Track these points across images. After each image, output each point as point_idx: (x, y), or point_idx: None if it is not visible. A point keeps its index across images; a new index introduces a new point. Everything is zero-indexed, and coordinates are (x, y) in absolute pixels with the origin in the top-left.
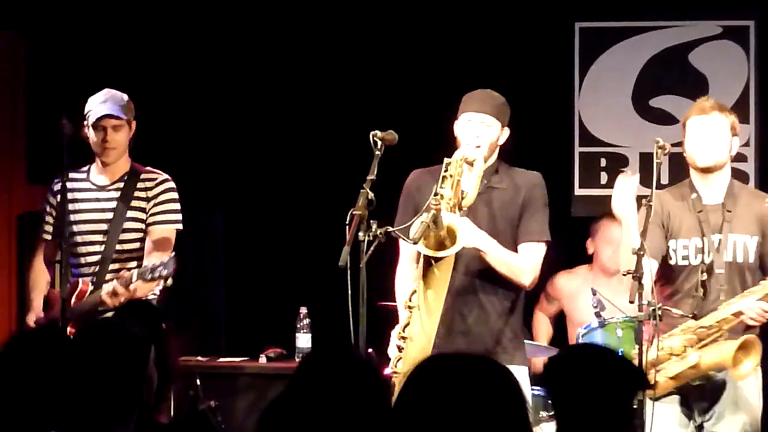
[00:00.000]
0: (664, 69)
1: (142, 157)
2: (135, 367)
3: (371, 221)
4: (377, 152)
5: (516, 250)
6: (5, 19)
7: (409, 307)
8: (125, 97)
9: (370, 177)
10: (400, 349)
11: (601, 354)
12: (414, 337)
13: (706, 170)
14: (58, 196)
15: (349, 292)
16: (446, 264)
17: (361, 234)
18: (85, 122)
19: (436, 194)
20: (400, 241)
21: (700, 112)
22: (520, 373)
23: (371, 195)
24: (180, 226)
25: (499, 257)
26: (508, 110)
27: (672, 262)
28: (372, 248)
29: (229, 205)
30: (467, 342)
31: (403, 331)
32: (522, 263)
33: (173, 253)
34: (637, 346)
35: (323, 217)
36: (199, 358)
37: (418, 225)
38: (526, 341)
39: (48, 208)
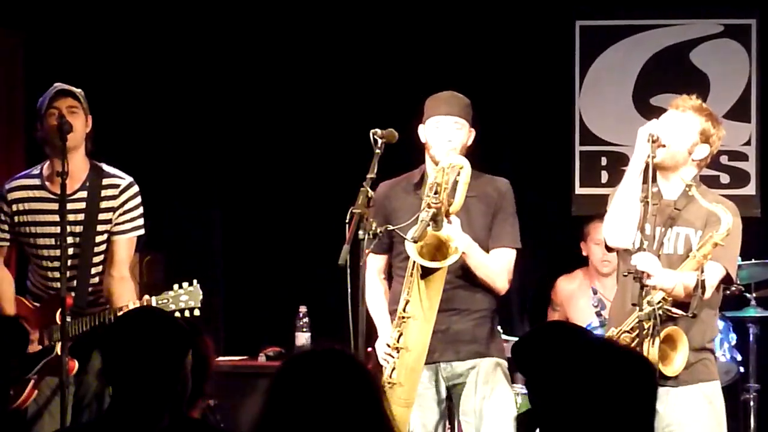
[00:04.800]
0: (665, 67)
1: (142, 155)
2: (176, 354)
3: (371, 220)
4: (377, 150)
5: None
6: (2, 17)
7: (403, 318)
8: (79, 89)
9: (370, 175)
10: (392, 359)
11: (568, 332)
12: (410, 346)
13: (658, 165)
14: (14, 205)
15: (349, 290)
16: (440, 273)
17: (361, 232)
18: (38, 121)
19: (436, 192)
20: (368, 254)
21: (675, 107)
22: (497, 365)
23: (371, 193)
24: (142, 232)
25: (479, 261)
26: (471, 110)
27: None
28: (372, 247)
29: (228, 202)
30: (448, 342)
31: (398, 341)
32: (497, 267)
33: (196, 283)
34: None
35: (323, 215)
36: None
37: (418, 224)
38: None
39: (1, 216)
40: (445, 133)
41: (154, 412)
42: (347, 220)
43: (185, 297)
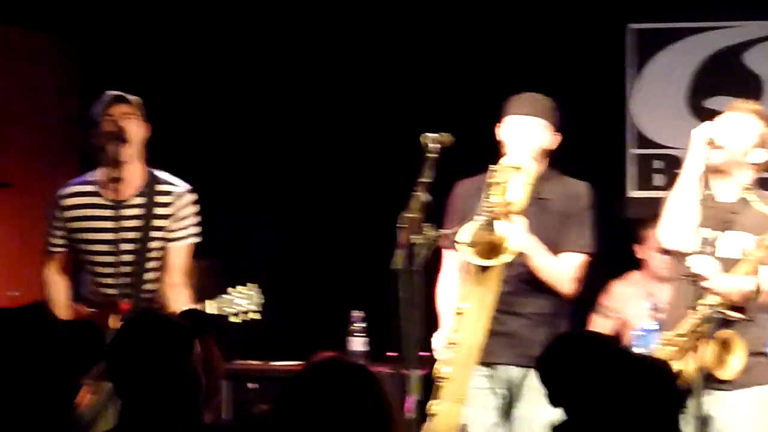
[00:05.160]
0: (718, 70)
1: (196, 159)
2: (178, 357)
3: (425, 225)
4: (430, 155)
5: None
6: (55, 24)
7: (459, 312)
8: (135, 97)
9: (423, 180)
10: (446, 353)
11: (593, 343)
12: (462, 343)
13: (714, 168)
14: (69, 211)
15: (403, 295)
16: (496, 272)
17: (415, 237)
18: (93, 128)
19: (493, 193)
20: (444, 249)
21: (734, 109)
22: None
23: (426, 198)
24: (198, 239)
25: (541, 263)
26: (558, 114)
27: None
28: (426, 252)
29: (280, 205)
30: (505, 345)
31: (452, 335)
32: (562, 271)
33: (257, 287)
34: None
35: (376, 218)
36: (251, 361)
37: (471, 229)
38: None
39: (56, 222)
40: (521, 133)
41: (166, 421)
42: (400, 225)
43: (243, 300)
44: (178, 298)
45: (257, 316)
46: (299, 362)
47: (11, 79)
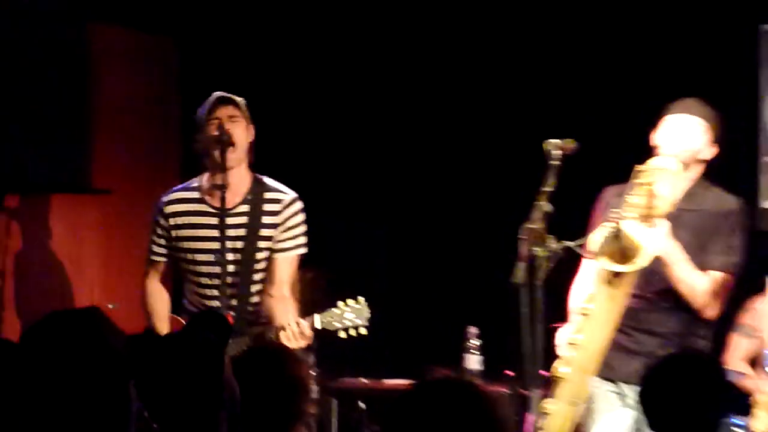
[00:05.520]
0: None
1: (306, 168)
2: (208, 372)
3: (548, 236)
4: (553, 162)
5: None
6: (156, 23)
7: (584, 314)
8: (240, 98)
9: (546, 188)
10: (567, 352)
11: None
12: (583, 346)
13: None
14: (172, 219)
15: (524, 311)
16: (627, 279)
17: (537, 249)
18: (197, 132)
19: (630, 199)
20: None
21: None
22: None
23: (548, 208)
24: (305, 250)
25: (682, 273)
26: (720, 126)
27: None
28: (548, 265)
29: (394, 218)
30: (641, 365)
31: (574, 335)
32: (704, 286)
33: (363, 300)
34: None
35: (494, 230)
36: (362, 379)
37: (599, 239)
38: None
39: (159, 230)
40: (674, 133)
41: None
42: (521, 236)
43: (351, 315)
44: (286, 311)
45: (364, 332)
46: (411, 380)
47: (113, 81)
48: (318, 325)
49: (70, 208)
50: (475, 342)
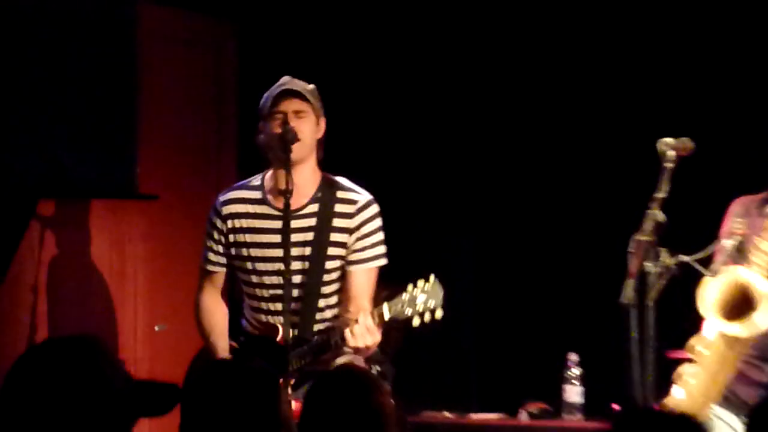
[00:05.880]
0: None
1: (390, 178)
2: (263, 404)
3: (661, 249)
4: (667, 164)
5: None
6: (211, 5)
7: (695, 359)
8: (311, 85)
9: (659, 195)
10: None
11: None
12: (689, 390)
13: None
14: (230, 221)
15: (634, 335)
16: (743, 343)
17: (648, 265)
18: (260, 124)
19: (761, 244)
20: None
21: None
22: None
23: (661, 217)
24: (384, 261)
25: None
26: None
27: None
28: (662, 282)
29: (482, 228)
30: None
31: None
32: None
33: (434, 279)
34: None
35: (596, 242)
36: (446, 413)
37: (721, 254)
38: None
39: (215, 234)
40: None
41: None
42: (631, 250)
43: (424, 297)
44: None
45: (440, 315)
46: (502, 415)
47: (162, 71)
48: (387, 316)
49: (112, 215)
50: (575, 371)
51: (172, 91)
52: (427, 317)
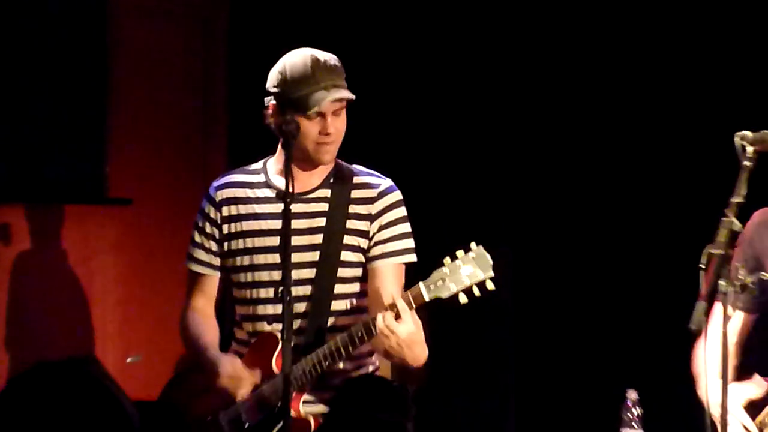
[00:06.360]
0: None
1: (420, 185)
2: None
3: (738, 264)
4: (746, 163)
5: None
6: None
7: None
8: (334, 59)
9: (736, 199)
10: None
11: None
12: None
13: None
14: (226, 208)
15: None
16: None
17: (722, 282)
18: (271, 104)
19: None
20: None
21: None
22: None
23: (738, 226)
24: (414, 257)
25: None
26: None
27: None
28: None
29: (520, 238)
30: None
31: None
32: None
33: (478, 246)
34: None
35: (660, 257)
36: None
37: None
38: None
39: (208, 227)
40: None
41: None
42: (703, 265)
43: (469, 269)
44: None
45: (492, 287)
46: None
47: (137, 47)
48: (427, 296)
49: (81, 221)
50: (635, 411)
51: (148, 74)
52: (476, 291)
